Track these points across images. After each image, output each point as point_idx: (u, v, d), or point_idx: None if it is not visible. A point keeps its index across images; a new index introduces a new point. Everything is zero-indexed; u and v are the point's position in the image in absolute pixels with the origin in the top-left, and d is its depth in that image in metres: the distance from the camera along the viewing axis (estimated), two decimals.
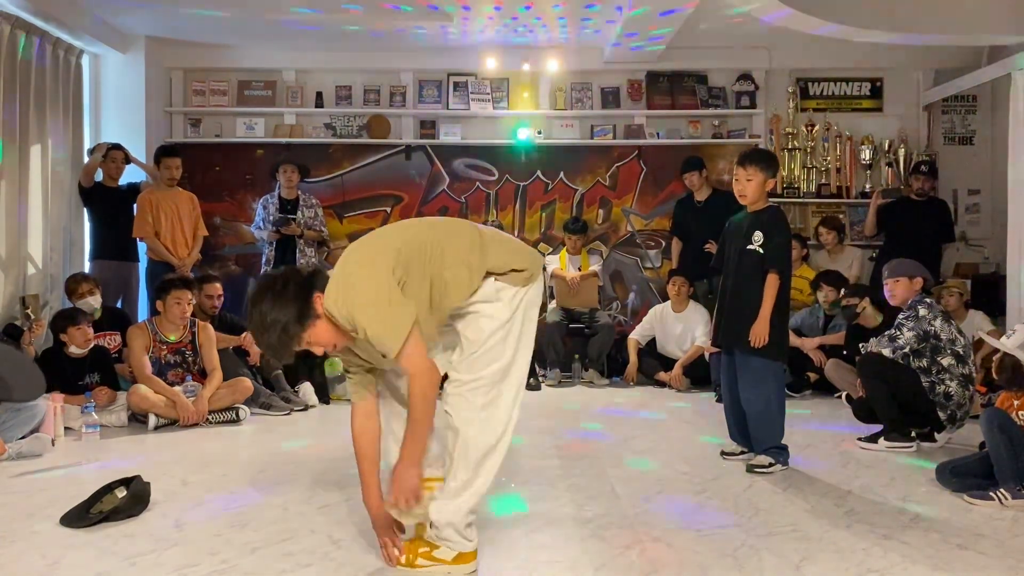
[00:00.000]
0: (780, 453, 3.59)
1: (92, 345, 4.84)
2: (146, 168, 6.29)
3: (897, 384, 4.10)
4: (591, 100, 7.20)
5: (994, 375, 3.42)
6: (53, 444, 4.01)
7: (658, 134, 7.18)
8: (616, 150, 7.18)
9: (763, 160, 3.63)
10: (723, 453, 3.82)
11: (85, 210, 6.11)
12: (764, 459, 3.56)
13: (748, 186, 3.61)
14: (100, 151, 5.98)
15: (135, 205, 6.08)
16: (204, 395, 4.68)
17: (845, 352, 5.41)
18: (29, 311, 5.15)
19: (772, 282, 3.54)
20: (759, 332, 3.51)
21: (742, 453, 3.74)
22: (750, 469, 3.54)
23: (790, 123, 7.17)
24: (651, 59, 6.92)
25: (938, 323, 4.08)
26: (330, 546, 2.60)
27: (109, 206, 6.02)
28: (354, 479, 3.43)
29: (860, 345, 4.37)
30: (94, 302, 5.18)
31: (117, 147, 6.07)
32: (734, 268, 3.67)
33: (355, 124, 7.14)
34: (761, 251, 3.56)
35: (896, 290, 4.31)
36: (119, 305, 5.94)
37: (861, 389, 4.39)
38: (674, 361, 6.16)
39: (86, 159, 6.10)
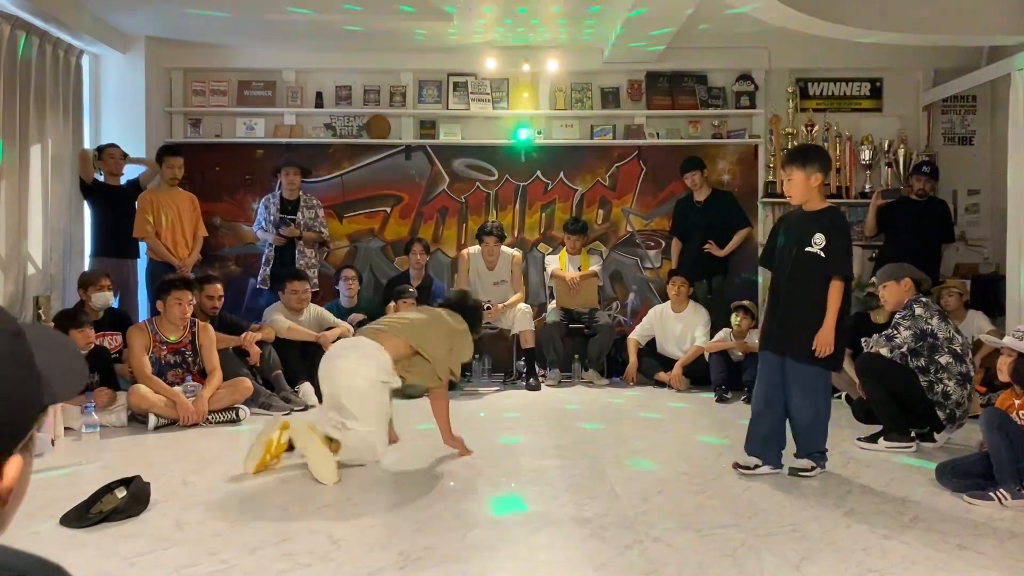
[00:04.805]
0: (822, 457, 3.53)
1: (92, 346, 4.85)
2: (145, 162, 6.30)
3: (895, 384, 4.09)
4: (591, 100, 7.20)
5: (1008, 378, 3.39)
6: (53, 444, 4.01)
7: (658, 134, 7.18)
8: (616, 150, 7.18)
9: (798, 157, 3.48)
10: (738, 466, 3.52)
11: (86, 206, 6.12)
12: (807, 463, 3.48)
13: (790, 186, 3.50)
14: (86, 159, 5.98)
15: (136, 202, 6.08)
16: (204, 395, 4.68)
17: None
18: (41, 311, 5.16)
19: (837, 288, 3.38)
20: (825, 340, 3.35)
21: (756, 467, 3.50)
22: (793, 472, 3.47)
23: (790, 123, 7.16)
24: (651, 59, 6.92)
25: (935, 321, 4.08)
26: (330, 546, 2.59)
27: (109, 203, 6.02)
28: (353, 479, 3.43)
29: (863, 340, 4.36)
30: (109, 296, 5.24)
31: (112, 146, 6.07)
32: (790, 271, 3.48)
33: (355, 124, 7.14)
34: (823, 255, 3.39)
35: (886, 295, 4.31)
36: (116, 303, 5.94)
37: (860, 389, 4.39)
38: (674, 361, 6.16)
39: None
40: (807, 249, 3.42)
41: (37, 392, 0.73)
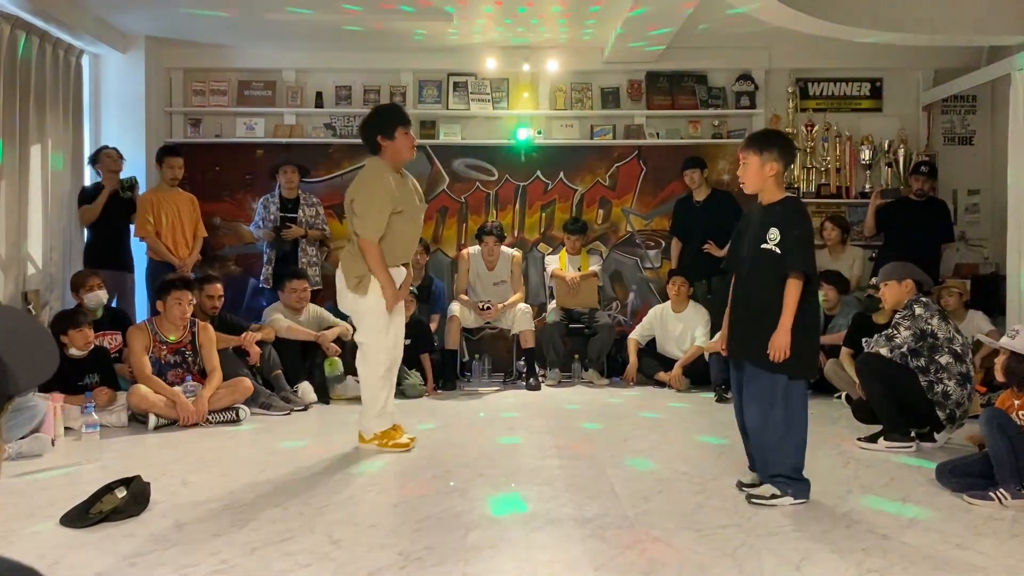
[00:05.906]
0: (789, 483, 3.05)
1: (92, 346, 4.85)
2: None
3: (895, 384, 4.09)
4: (591, 100, 7.20)
5: (1003, 377, 3.39)
6: (53, 444, 4.01)
7: (658, 134, 7.18)
8: (616, 150, 7.18)
9: (756, 142, 3.19)
10: (742, 485, 3.24)
11: None
12: (767, 489, 3.07)
13: (743, 171, 3.21)
14: (87, 212, 5.88)
15: (136, 202, 6.06)
16: (204, 395, 4.69)
17: (844, 343, 5.37)
18: (31, 307, 5.16)
19: (794, 286, 3.00)
20: (779, 344, 2.97)
21: (762, 484, 3.17)
22: (749, 499, 3.07)
23: (790, 123, 7.17)
24: (651, 59, 6.93)
25: (935, 321, 4.08)
26: (330, 546, 2.60)
27: (107, 215, 5.90)
28: (353, 479, 3.44)
29: (864, 340, 4.35)
30: (102, 296, 5.23)
31: (106, 148, 6.03)
32: (747, 270, 3.18)
33: (355, 124, 7.13)
34: (778, 251, 3.04)
35: (887, 295, 4.31)
36: (115, 303, 5.91)
37: (860, 390, 4.39)
38: (674, 361, 6.16)
39: (86, 160, 6.11)
40: (763, 246, 3.09)
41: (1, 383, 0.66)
